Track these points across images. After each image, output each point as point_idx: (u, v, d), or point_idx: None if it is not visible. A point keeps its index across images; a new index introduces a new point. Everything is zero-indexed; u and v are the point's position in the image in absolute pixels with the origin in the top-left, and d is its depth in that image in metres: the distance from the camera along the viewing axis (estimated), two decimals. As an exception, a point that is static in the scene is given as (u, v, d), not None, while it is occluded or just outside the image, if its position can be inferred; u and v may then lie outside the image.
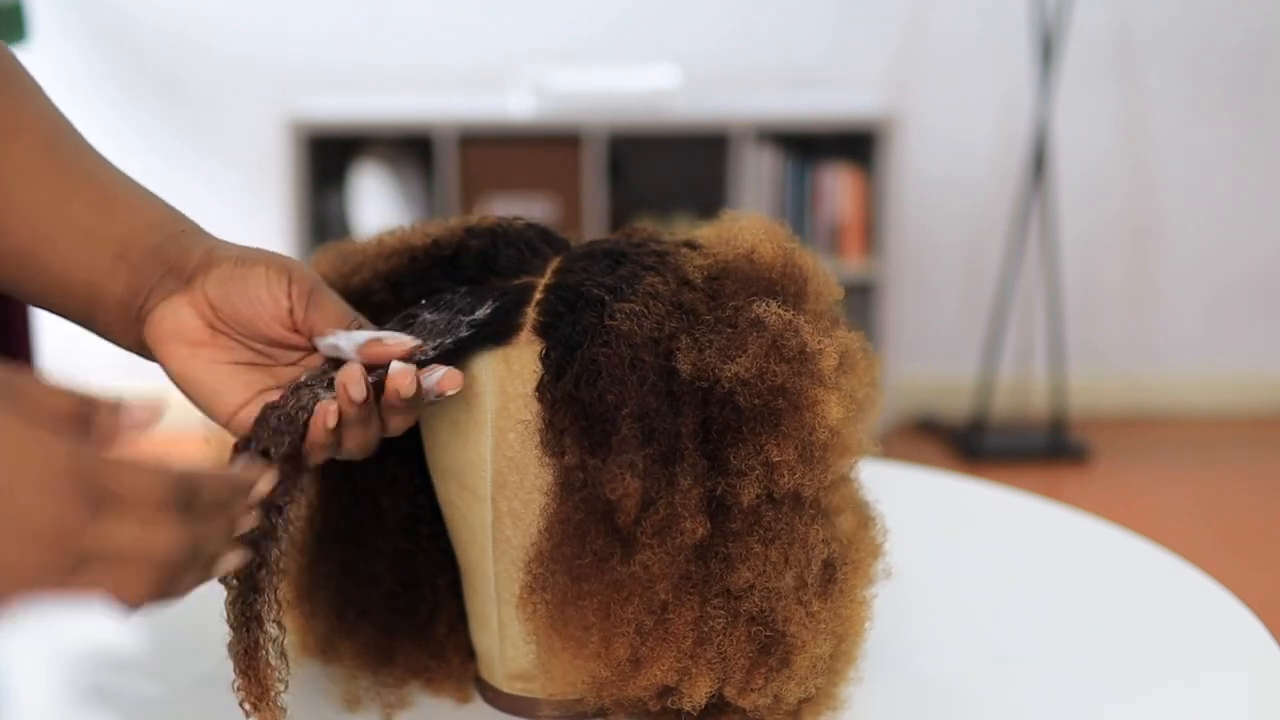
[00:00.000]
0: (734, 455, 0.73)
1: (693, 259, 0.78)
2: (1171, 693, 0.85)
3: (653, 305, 0.75)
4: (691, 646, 0.73)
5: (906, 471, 1.20)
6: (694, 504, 0.72)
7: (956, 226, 3.62)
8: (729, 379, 0.73)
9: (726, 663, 0.74)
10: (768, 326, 0.74)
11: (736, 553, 0.73)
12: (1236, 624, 0.92)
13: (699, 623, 0.73)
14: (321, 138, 3.24)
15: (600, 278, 0.77)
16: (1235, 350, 3.72)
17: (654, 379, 0.73)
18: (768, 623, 0.74)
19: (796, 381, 0.73)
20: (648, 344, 0.74)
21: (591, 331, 0.74)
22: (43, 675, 0.52)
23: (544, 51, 3.46)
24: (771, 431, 0.73)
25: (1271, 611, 1.14)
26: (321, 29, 3.45)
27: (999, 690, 0.85)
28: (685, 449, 0.73)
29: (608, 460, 0.73)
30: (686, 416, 0.73)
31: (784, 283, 0.77)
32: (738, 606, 0.74)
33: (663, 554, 0.72)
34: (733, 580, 0.73)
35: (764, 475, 0.73)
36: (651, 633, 0.73)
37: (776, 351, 0.73)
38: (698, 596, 0.73)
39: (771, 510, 0.74)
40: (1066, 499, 1.44)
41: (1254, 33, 3.55)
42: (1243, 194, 3.64)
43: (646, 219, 3.38)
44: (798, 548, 0.74)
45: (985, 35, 3.51)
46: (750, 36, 3.50)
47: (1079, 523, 1.09)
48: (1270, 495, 3.24)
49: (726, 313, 0.75)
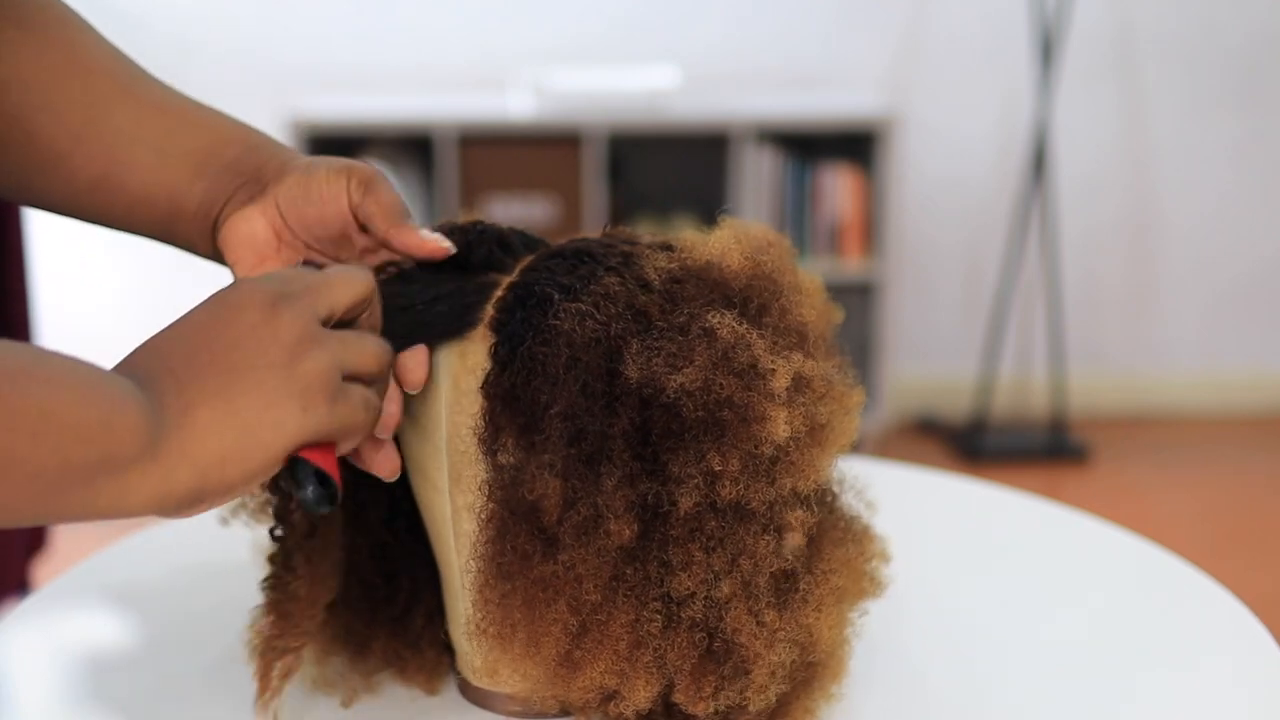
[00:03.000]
0: (674, 462, 0.72)
1: (656, 261, 0.77)
2: (1171, 692, 0.85)
3: (604, 306, 0.74)
4: (628, 649, 0.73)
5: (906, 471, 1.20)
6: (620, 506, 0.72)
7: (956, 226, 3.62)
8: (674, 388, 0.72)
9: (668, 668, 0.73)
10: (719, 338, 0.73)
11: (676, 559, 0.73)
12: (1236, 624, 0.92)
13: (635, 626, 0.73)
14: (321, 138, 3.24)
15: (559, 276, 0.77)
16: (1235, 350, 3.72)
17: (589, 380, 0.73)
18: (713, 630, 0.73)
19: (744, 395, 0.72)
20: (590, 345, 0.73)
21: (534, 329, 0.75)
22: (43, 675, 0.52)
23: (544, 51, 3.46)
24: (715, 442, 0.72)
25: (1271, 611, 1.14)
26: (321, 29, 3.45)
27: (998, 690, 0.85)
28: (614, 452, 0.72)
29: (529, 458, 0.73)
30: (621, 420, 0.72)
31: (749, 294, 0.76)
32: (679, 612, 0.73)
33: (587, 554, 0.72)
34: (673, 586, 0.73)
35: (705, 484, 0.72)
36: (586, 634, 0.73)
37: (726, 364, 0.72)
38: (634, 600, 0.73)
39: (715, 519, 0.73)
40: (1066, 499, 1.44)
41: (1254, 32, 3.55)
42: (1243, 194, 3.64)
43: (646, 219, 3.38)
44: (744, 558, 0.73)
45: (985, 35, 3.51)
46: (750, 36, 3.50)
47: (1079, 523, 1.09)
48: (1270, 495, 3.24)
49: (680, 319, 0.74)
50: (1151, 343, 3.71)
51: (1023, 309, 3.63)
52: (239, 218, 0.80)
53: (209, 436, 0.63)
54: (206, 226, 0.81)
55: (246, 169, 0.81)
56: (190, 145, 0.82)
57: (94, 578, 0.99)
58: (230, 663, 0.86)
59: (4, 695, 0.80)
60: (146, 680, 0.85)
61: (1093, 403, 3.67)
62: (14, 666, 0.84)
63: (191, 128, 0.82)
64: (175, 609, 0.95)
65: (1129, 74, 3.57)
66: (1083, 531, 1.08)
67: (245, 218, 0.80)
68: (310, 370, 0.65)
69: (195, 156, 0.81)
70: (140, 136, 0.81)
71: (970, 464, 3.33)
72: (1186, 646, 0.90)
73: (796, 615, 0.75)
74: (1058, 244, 3.51)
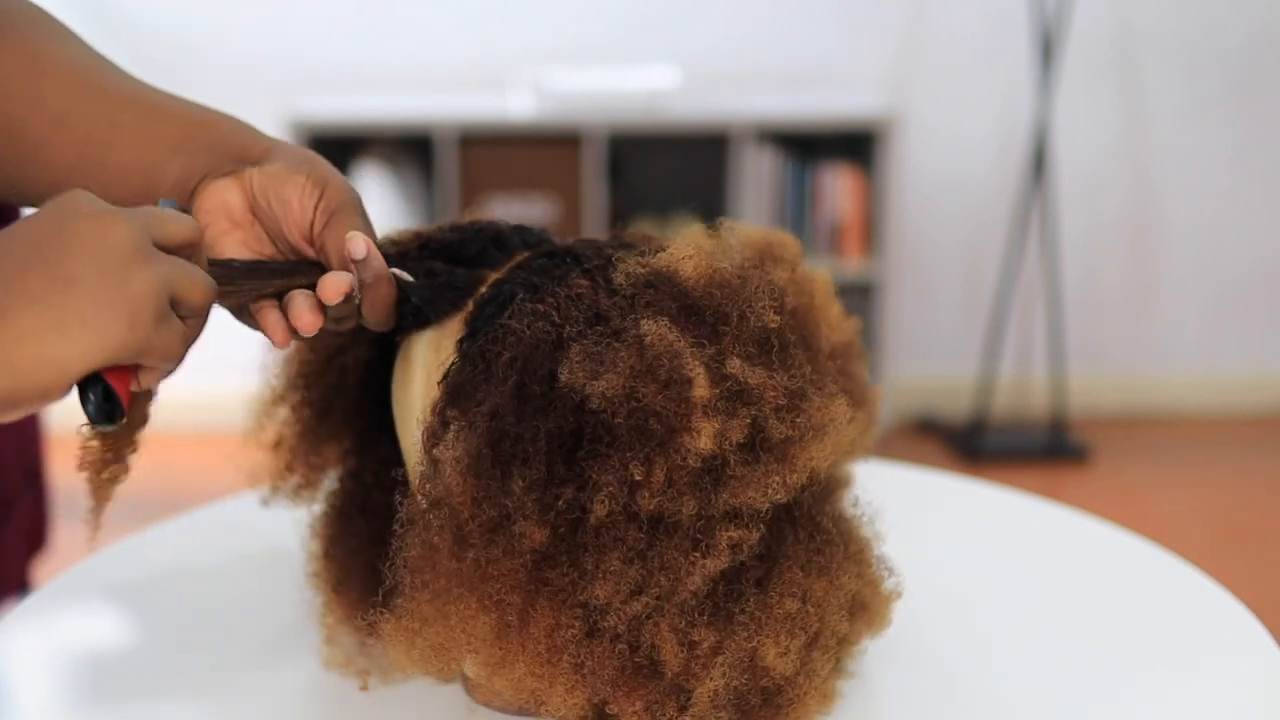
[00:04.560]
0: (594, 469, 0.71)
1: (628, 266, 0.76)
2: (1171, 692, 0.85)
3: (565, 308, 0.74)
4: (547, 653, 0.72)
5: (906, 471, 1.20)
6: (531, 509, 0.71)
7: (956, 226, 3.62)
8: (596, 395, 0.71)
9: (589, 677, 0.72)
10: (647, 346, 0.71)
11: (592, 567, 0.71)
12: (1236, 624, 0.92)
13: (554, 631, 0.72)
14: (322, 138, 3.24)
15: (533, 276, 0.77)
16: (1235, 350, 3.72)
17: (527, 381, 0.72)
18: (634, 644, 0.72)
19: (667, 404, 0.71)
20: (536, 345, 0.73)
21: (488, 327, 0.75)
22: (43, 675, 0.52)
23: (544, 51, 3.46)
24: (638, 451, 0.71)
25: (1271, 611, 1.14)
26: (321, 29, 3.45)
27: (998, 690, 0.85)
28: (531, 454, 0.71)
29: (443, 454, 0.72)
30: (549, 423, 0.71)
31: (706, 302, 0.74)
32: (598, 621, 0.72)
33: (496, 554, 0.71)
34: (591, 594, 0.72)
35: (622, 493, 0.71)
36: (508, 634, 0.72)
37: (650, 373, 0.71)
38: (554, 604, 0.72)
39: (635, 530, 0.71)
40: (1066, 499, 1.44)
41: (1254, 33, 3.55)
42: (1243, 193, 3.64)
43: (646, 219, 3.38)
44: (664, 573, 0.71)
45: (985, 35, 3.51)
46: (750, 36, 3.50)
47: (1079, 523, 1.09)
48: (1270, 495, 3.24)
49: (625, 325, 0.73)
50: (1151, 343, 3.71)
51: (1023, 309, 3.63)
52: (216, 186, 0.80)
53: (29, 340, 0.62)
54: (182, 199, 0.81)
55: (228, 149, 0.81)
56: (169, 128, 0.82)
57: (94, 578, 0.99)
58: (230, 662, 0.86)
59: (4, 695, 0.80)
60: (146, 680, 0.85)
61: (1093, 403, 3.67)
62: (14, 666, 0.84)
63: (170, 114, 0.83)
64: (175, 609, 0.95)
65: (1129, 74, 3.57)
66: (1083, 531, 1.08)
67: (222, 187, 0.80)
68: (141, 286, 0.65)
69: (174, 138, 0.81)
70: (119, 121, 0.82)
71: (970, 464, 3.33)
72: (1186, 647, 0.90)
73: (738, 638, 0.73)
74: (1058, 244, 3.51)
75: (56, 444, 3.21)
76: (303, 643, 0.88)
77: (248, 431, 0.89)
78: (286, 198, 0.78)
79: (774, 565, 0.75)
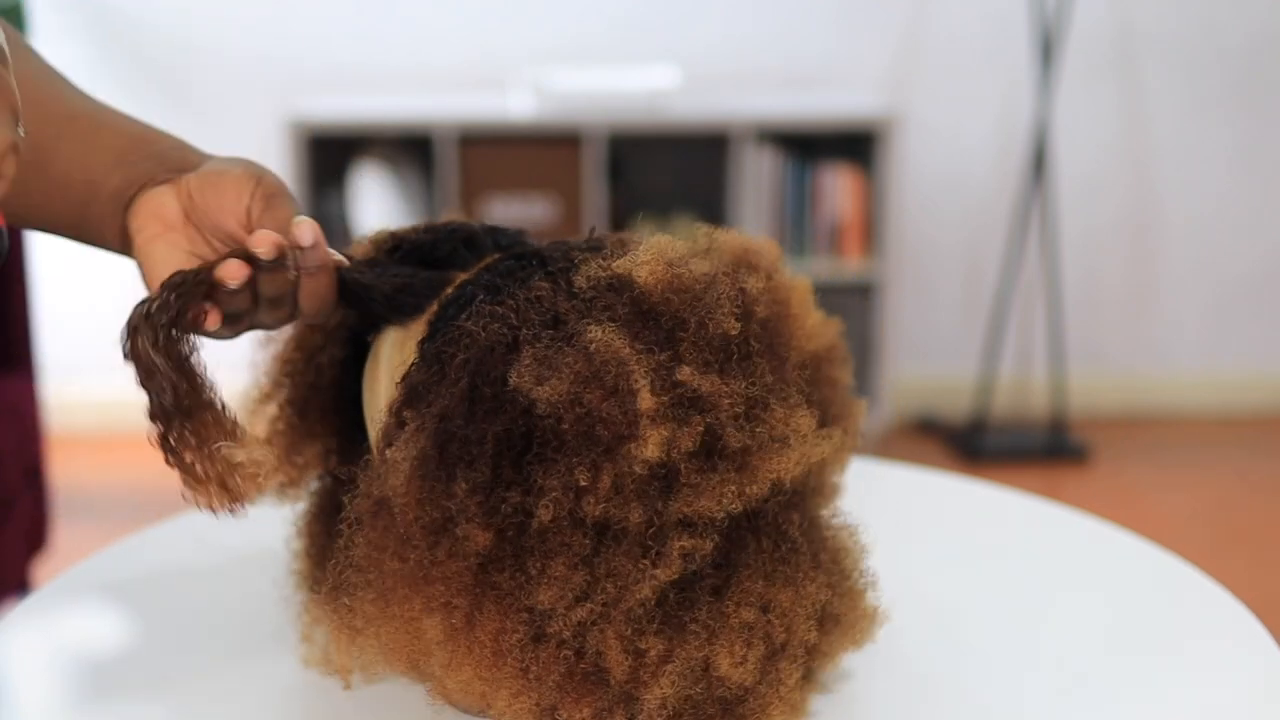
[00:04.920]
0: (539, 473, 0.71)
1: (590, 269, 0.75)
2: (1171, 693, 0.85)
3: (524, 310, 0.73)
4: (492, 657, 0.72)
5: (906, 471, 1.20)
6: (472, 511, 0.70)
7: (956, 226, 3.62)
8: (542, 400, 0.70)
9: (535, 682, 0.72)
10: (593, 353, 0.71)
11: (536, 571, 0.71)
12: (1236, 624, 0.92)
13: (499, 635, 0.72)
14: (321, 138, 3.24)
15: (497, 277, 0.76)
16: (1235, 350, 3.72)
17: (478, 383, 0.72)
18: (580, 650, 0.72)
19: (611, 411, 0.70)
20: (491, 348, 0.72)
21: (445, 328, 0.75)
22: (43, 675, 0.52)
23: (544, 51, 3.46)
24: (584, 457, 0.70)
25: (1271, 611, 1.14)
26: (321, 29, 3.45)
27: (997, 690, 0.85)
28: (476, 457, 0.71)
29: (394, 454, 0.72)
30: (497, 426, 0.71)
31: (663, 308, 0.74)
32: (545, 626, 0.72)
33: (439, 556, 0.71)
34: (536, 599, 0.71)
35: (567, 498, 0.70)
36: (455, 636, 0.72)
37: (596, 379, 0.70)
38: (500, 608, 0.71)
39: (580, 536, 0.71)
40: (1066, 499, 1.44)
41: (1254, 33, 3.55)
42: (1243, 193, 3.64)
43: (646, 219, 3.38)
44: (610, 580, 0.71)
45: (985, 35, 3.51)
46: (750, 36, 3.50)
47: (1079, 523, 1.09)
48: (1270, 495, 3.24)
49: (576, 329, 0.72)
50: (1151, 343, 3.71)
51: (1023, 309, 3.63)
52: (152, 193, 0.82)
53: None
54: (119, 208, 0.83)
55: (167, 162, 0.84)
56: (112, 142, 0.85)
57: (94, 578, 0.99)
58: (231, 662, 0.86)
59: (4, 695, 0.80)
60: (146, 680, 0.85)
61: (1093, 403, 3.67)
62: (14, 666, 0.84)
63: (114, 128, 0.86)
64: (175, 609, 0.95)
65: (1129, 74, 3.57)
66: (1083, 531, 1.08)
67: (159, 193, 0.82)
68: None
69: (118, 150, 0.84)
70: (65, 133, 0.84)
71: (970, 464, 3.33)
72: (1186, 647, 0.90)
73: (689, 647, 0.72)
74: (1058, 244, 3.51)
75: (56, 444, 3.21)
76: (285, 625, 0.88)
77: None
78: (223, 189, 0.80)
79: (733, 574, 0.74)
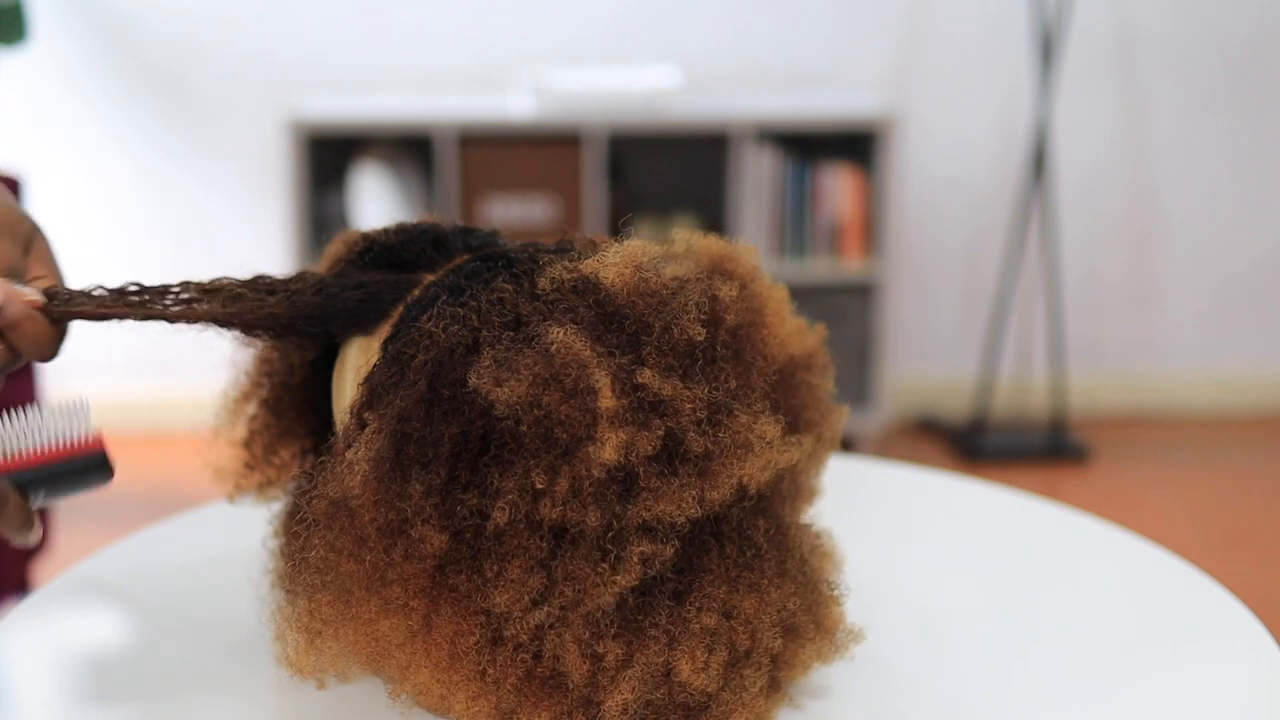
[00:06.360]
0: (495, 475, 0.70)
1: (554, 271, 0.75)
2: (1170, 692, 0.85)
3: (485, 311, 0.73)
4: (449, 659, 0.72)
5: (906, 471, 1.20)
6: (428, 513, 0.70)
7: (956, 226, 3.62)
8: (501, 401, 0.70)
9: (493, 686, 0.72)
10: (553, 354, 0.70)
11: (492, 574, 0.71)
12: (1236, 624, 0.92)
13: (456, 637, 0.71)
14: (321, 138, 3.25)
15: (460, 279, 0.76)
16: (1235, 350, 3.72)
17: (436, 385, 0.71)
18: (538, 654, 0.71)
19: (570, 413, 0.70)
20: (451, 349, 0.72)
21: (405, 330, 0.74)
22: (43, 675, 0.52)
23: (544, 51, 3.46)
24: (541, 460, 0.70)
25: (1271, 611, 1.14)
26: (321, 29, 3.45)
27: (997, 690, 0.85)
28: (432, 458, 0.70)
29: (352, 455, 0.72)
30: (453, 428, 0.70)
31: (628, 311, 0.73)
32: (501, 630, 0.71)
33: (395, 558, 0.71)
34: (492, 602, 0.71)
35: (524, 501, 0.70)
36: (413, 638, 0.72)
37: (555, 381, 0.70)
38: (457, 610, 0.71)
39: (536, 539, 0.71)
40: (1066, 499, 1.44)
41: (1253, 33, 3.55)
42: (1242, 193, 3.64)
43: (646, 219, 3.38)
44: (568, 584, 0.71)
45: (985, 35, 3.51)
46: (750, 36, 3.50)
47: (1079, 523, 1.09)
48: (1270, 495, 3.24)
49: (537, 331, 0.72)
50: (1151, 342, 3.71)
51: (1023, 309, 3.63)
52: None
53: None
54: None
55: None
56: None
57: (94, 578, 0.99)
58: (231, 662, 0.86)
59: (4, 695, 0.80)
60: (147, 680, 0.85)
61: (1093, 403, 3.67)
62: (14, 666, 0.84)
63: None
64: (175, 609, 0.95)
65: (1129, 74, 3.57)
66: (1083, 531, 1.08)
67: None
68: None
69: None
70: None
71: (970, 464, 3.33)
72: (1186, 646, 0.90)
73: (649, 652, 0.72)
74: (1058, 244, 3.51)
75: (56, 444, 3.22)
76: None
77: (216, 428, 0.90)
78: None
79: (695, 579, 0.74)
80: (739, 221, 3.31)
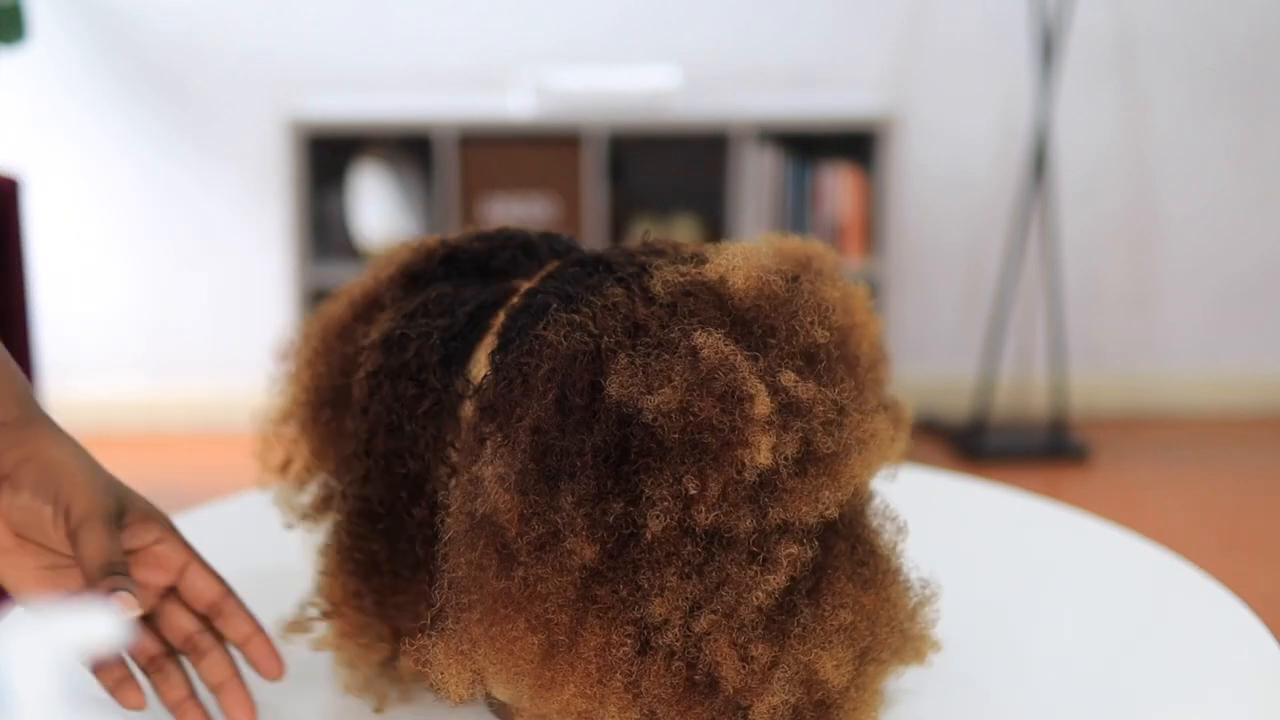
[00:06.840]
0: (647, 483, 0.70)
1: (665, 274, 0.75)
2: (1171, 693, 0.85)
3: (602, 318, 0.73)
4: (598, 673, 0.71)
5: (906, 471, 1.20)
6: (580, 525, 0.69)
7: (956, 226, 3.62)
8: (651, 409, 0.70)
9: (643, 696, 0.71)
10: (701, 359, 0.70)
11: (648, 583, 0.70)
12: (1236, 624, 0.92)
13: (605, 649, 0.71)
14: (321, 138, 3.24)
15: (567, 285, 0.75)
16: (1235, 350, 3.72)
17: (567, 394, 0.71)
18: (693, 661, 0.71)
19: (724, 419, 0.69)
20: (574, 357, 0.71)
21: (522, 339, 0.74)
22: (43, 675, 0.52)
23: (544, 51, 3.46)
24: (693, 465, 0.69)
25: (1271, 611, 1.14)
26: (321, 29, 3.45)
27: (997, 690, 0.85)
28: (579, 468, 0.70)
29: (487, 471, 0.71)
30: (595, 437, 0.70)
31: (754, 315, 0.73)
32: (654, 639, 0.71)
33: (546, 572, 0.70)
34: (647, 611, 0.70)
35: (677, 508, 0.69)
36: (556, 654, 0.71)
37: (705, 386, 0.70)
38: (605, 622, 0.71)
39: (691, 545, 0.70)
40: (1066, 499, 1.44)
41: (1254, 32, 3.55)
42: (1243, 193, 3.64)
43: (646, 219, 3.38)
44: (726, 588, 0.70)
45: (985, 35, 3.51)
46: (750, 36, 3.50)
47: (1079, 523, 1.09)
48: (1270, 495, 3.24)
49: (672, 335, 0.71)
50: (1151, 343, 3.71)
51: (1023, 309, 3.63)
52: None
53: None
54: None
55: None
56: None
57: (94, 578, 0.99)
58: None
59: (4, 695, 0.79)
60: (147, 680, 0.85)
61: (1093, 403, 3.67)
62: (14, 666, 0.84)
63: None
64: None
65: (1129, 74, 3.57)
66: (1083, 531, 1.08)
67: None
68: None
69: None
70: None
71: (970, 464, 3.33)
72: (1186, 646, 0.90)
73: (794, 652, 0.72)
74: (1058, 244, 3.51)
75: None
76: (304, 642, 0.88)
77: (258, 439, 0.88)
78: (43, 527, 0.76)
79: (823, 576, 0.74)
80: (739, 221, 3.31)
